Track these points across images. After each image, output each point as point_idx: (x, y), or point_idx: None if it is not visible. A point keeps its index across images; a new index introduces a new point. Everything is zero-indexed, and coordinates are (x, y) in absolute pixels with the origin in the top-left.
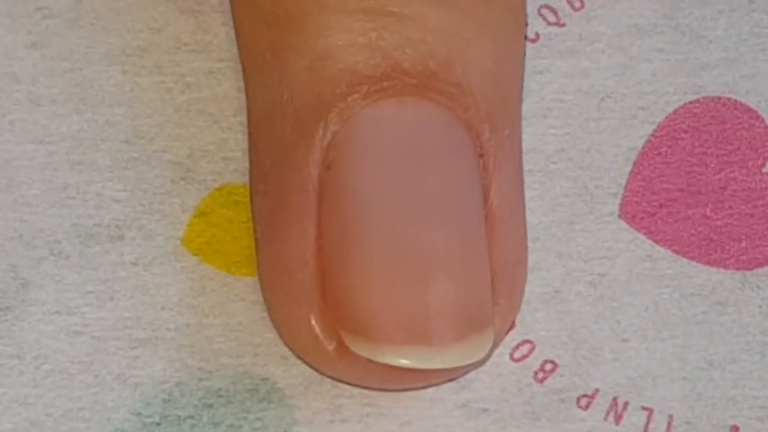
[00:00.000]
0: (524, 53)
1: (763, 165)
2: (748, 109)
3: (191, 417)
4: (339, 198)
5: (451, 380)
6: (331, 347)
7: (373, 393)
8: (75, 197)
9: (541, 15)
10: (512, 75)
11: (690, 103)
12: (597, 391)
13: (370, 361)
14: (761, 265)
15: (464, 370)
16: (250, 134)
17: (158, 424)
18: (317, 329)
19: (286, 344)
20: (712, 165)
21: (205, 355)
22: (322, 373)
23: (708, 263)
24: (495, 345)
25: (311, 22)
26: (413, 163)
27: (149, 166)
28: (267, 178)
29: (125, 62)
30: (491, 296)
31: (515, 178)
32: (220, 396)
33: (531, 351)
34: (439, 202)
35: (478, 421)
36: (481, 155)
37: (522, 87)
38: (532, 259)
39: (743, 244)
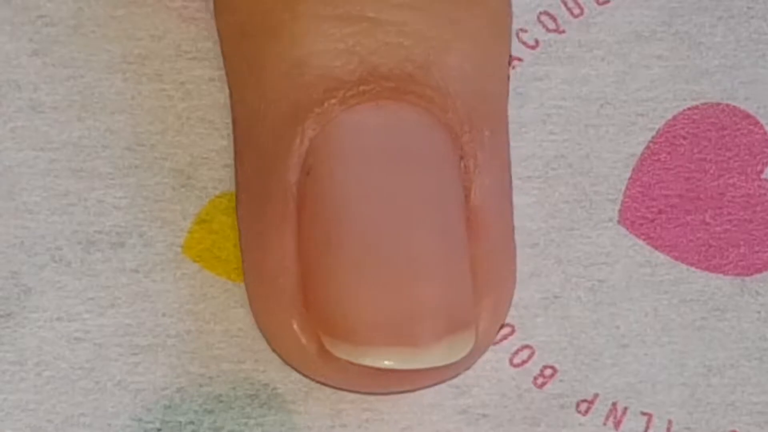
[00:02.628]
0: (508, 54)
1: (762, 171)
2: (747, 116)
3: (192, 423)
4: (318, 203)
5: (439, 383)
6: (314, 351)
7: (373, 398)
8: (76, 204)
9: (540, 22)
10: (493, 76)
11: (689, 109)
12: (596, 396)
13: (353, 364)
14: (760, 270)
15: (452, 372)
16: (234, 145)
17: (159, 429)
18: (300, 334)
19: (273, 350)
20: (711, 171)
21: (206, 361)
22: (311, 378)
23: (707, 269)
24: (486, 345)
25: (287, 30)
26: (392, 167)
27: (150, 174)
28: (248, 186)
29: (126, 70)
30: (473, 297)
31: (499, 178)
32: (221, 402)
33: (530, 356)
34: (418, 205)
35: (477, 426)
36: (462, 157)
37: (507, 88)
38: (531, 265)
39: (742, 249)
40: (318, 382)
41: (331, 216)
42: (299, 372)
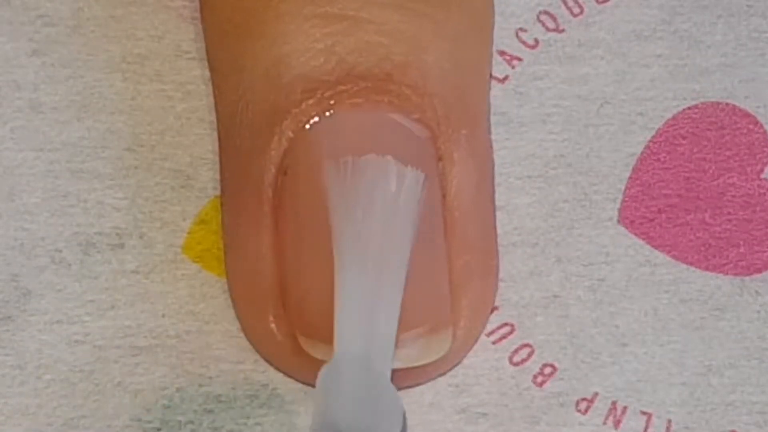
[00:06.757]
0: (489, 55)
1: (762, 170)
2: (747, 115)
3: (191, 422)
4: (294, 203)
5: (425, 383)
6: (290, 350)
7: None
8: (76, 205)
9: (540, 21)
10: (472, 76)
11: (689, 108)
12: (596, 395)
13: None
14: (759, 270)
15: (437, 371)
16: (218, 148)
17: (159, 429)
18: (276, 333)
19: (252, 347)
20: (711, 171)
21: (206, 362)
22: (290, 377)
23: (706, 269)
24: (470, 343)
25: (267, 29)
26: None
27: (150, 174)
28: (228, 186)
29: (126, 70)
30: (449, 297)
31: (477, 177)
32: (221, 402)
33: (530, 355)
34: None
35: (477, 425)
36: (440, 156)
37: (487, 87)
38: (531, 264)
39: (742, 249)
40: (298, 380)
41: (307, 216)
42: (279, 370)
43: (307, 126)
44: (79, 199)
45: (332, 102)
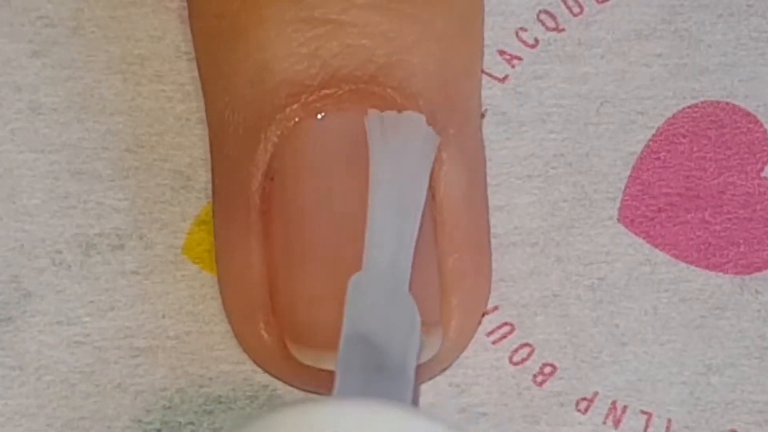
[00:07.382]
0: (478, 53)
1: (762, 169)
2: (747, 114)
3: (191, 423)
4: (281, 208)
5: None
6: (280, 356)
7: None
8: (76, 206)
9: (540, 20)
10: (460, 75)
11: (689, 107)
12: (596, 394)
13: (321, 369)
14: (759, 269)
15: (429, 374)
16: (210, 154)
17: (159, 430)
18: (267, 339)
19: (246, 354)
20: (711, 169)
21: (206, 363)
22: (282, 381)
23: (706, 267)
24: (464, 342)
25: (251, 36)
26: (354, 171)
27: (150, 175)
28: (218, 192)
29: (126, 71)
30: (439, 297)
31: (466, 175)
32: (220, 403)
33: (530, 354)
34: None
35: (477, 425)
36: None
37: (476, 86)
38: (531, 264)
39: (742, 248)
40: (289, 384)
41: (293, 221)
42: (270, 375)
43: (293, 131)
44: (79, 200)
45: (317, 106)
